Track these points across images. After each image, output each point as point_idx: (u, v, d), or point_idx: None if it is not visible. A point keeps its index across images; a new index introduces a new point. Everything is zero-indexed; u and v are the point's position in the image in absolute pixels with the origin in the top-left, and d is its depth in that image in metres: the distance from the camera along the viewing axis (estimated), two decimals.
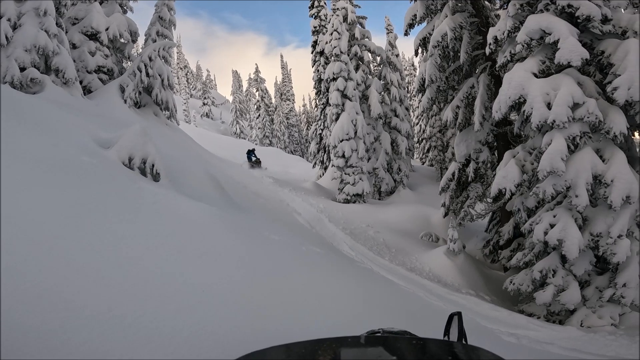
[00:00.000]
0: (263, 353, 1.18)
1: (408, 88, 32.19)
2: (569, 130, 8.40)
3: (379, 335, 1.36)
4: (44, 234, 2.65)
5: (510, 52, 9.76)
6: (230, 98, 62.96)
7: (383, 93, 21.36)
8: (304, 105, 64.37)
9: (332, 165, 18.84)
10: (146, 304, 2.43)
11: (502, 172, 9.75)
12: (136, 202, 3.88)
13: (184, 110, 50.84)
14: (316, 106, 27.64)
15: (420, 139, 30.90)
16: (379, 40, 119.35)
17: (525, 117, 9.14)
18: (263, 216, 9.61)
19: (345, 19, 20.89)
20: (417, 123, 31.47)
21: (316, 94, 24.41)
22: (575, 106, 8.40)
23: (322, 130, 23.26)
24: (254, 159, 24.30)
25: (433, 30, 13.44)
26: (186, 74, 70.83)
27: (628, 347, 7.02)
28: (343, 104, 17.89)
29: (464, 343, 1.29)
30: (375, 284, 5.07)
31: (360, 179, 17.52)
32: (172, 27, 17.75)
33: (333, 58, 18.20)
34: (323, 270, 4.45)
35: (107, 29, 14.58)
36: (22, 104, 5.60)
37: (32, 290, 2.14)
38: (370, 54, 22.18)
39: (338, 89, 17.86)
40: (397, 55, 23.16)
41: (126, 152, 5.69)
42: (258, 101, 51.41)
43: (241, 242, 4.01)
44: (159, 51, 15.40)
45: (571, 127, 8.40)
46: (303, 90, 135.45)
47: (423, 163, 31.09)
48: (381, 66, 22.52)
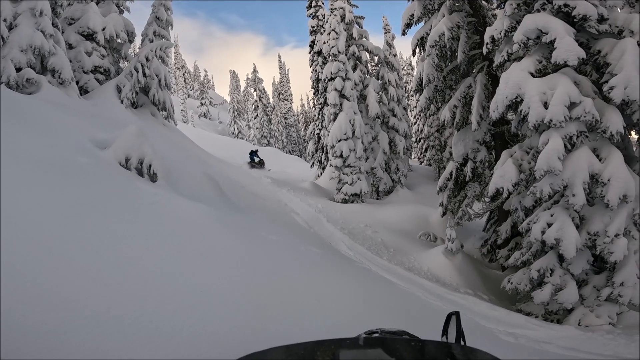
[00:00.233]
0: (263, 354, 1.19)
1: (406, 88, 32.24)
2: (566, 129, 8.43)
3: (378, 336, 1.37)
4: (44, 234, 2.65)
5: (507, 52, 9.79)
6: (228, 98, 63.05)
7: (381, 93, 21.35)
8: (302, 105, 64.44)
9: (330, 165, 18.83)
10: (146, 304, 2.43)
11: (500, 172, 9.78)
12: (135, 203, 3.88)
13: (182, 110, 50.80)
14: (314, 106, 27.62)
15: (418, 139, 30.90)
16: (377, 40, 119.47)
17: (522, 117, 9.18)
18: (262, 216, 9.61)
19: (342, 19, 20.88)
20: (415, 123, 31.47)
21: (314, 94, 24.38)
22: (572, 105, 8.43)
23: (320, 130, 23.25)
24: (258, 160, 24.27)
25: (430, 30, 13.44)
26: (184, 74, 70.76)
27: (626, 346, 7.03)
28: (341, 104, 17.88)
29: (462, 344, 1.30)
30: (374, 284, 5.08)
31: (358, 179, 17.51)
32: (170, 27, 17.66)
33: (331, 58, 18.19)
34: (323, 270, 4.45)
35: (104, 29, 14.50)
36: (21, 105, 5.59)
37: (32, 290, 2.14)
38: (368, 54, 22.16)
39: (336, 89, 17.84)
40: (395, 55, 23.18)
41: (123, 153, 5.69)
42: (256, 101, 51.35)
43: (240, 242, 4.01)
44: (156, 51, 15.35)
45: (568, 127, 8.43)
46: (301, 90, 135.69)
47: (421, 163, 31.09)
48: (379, 66, 22.51)
